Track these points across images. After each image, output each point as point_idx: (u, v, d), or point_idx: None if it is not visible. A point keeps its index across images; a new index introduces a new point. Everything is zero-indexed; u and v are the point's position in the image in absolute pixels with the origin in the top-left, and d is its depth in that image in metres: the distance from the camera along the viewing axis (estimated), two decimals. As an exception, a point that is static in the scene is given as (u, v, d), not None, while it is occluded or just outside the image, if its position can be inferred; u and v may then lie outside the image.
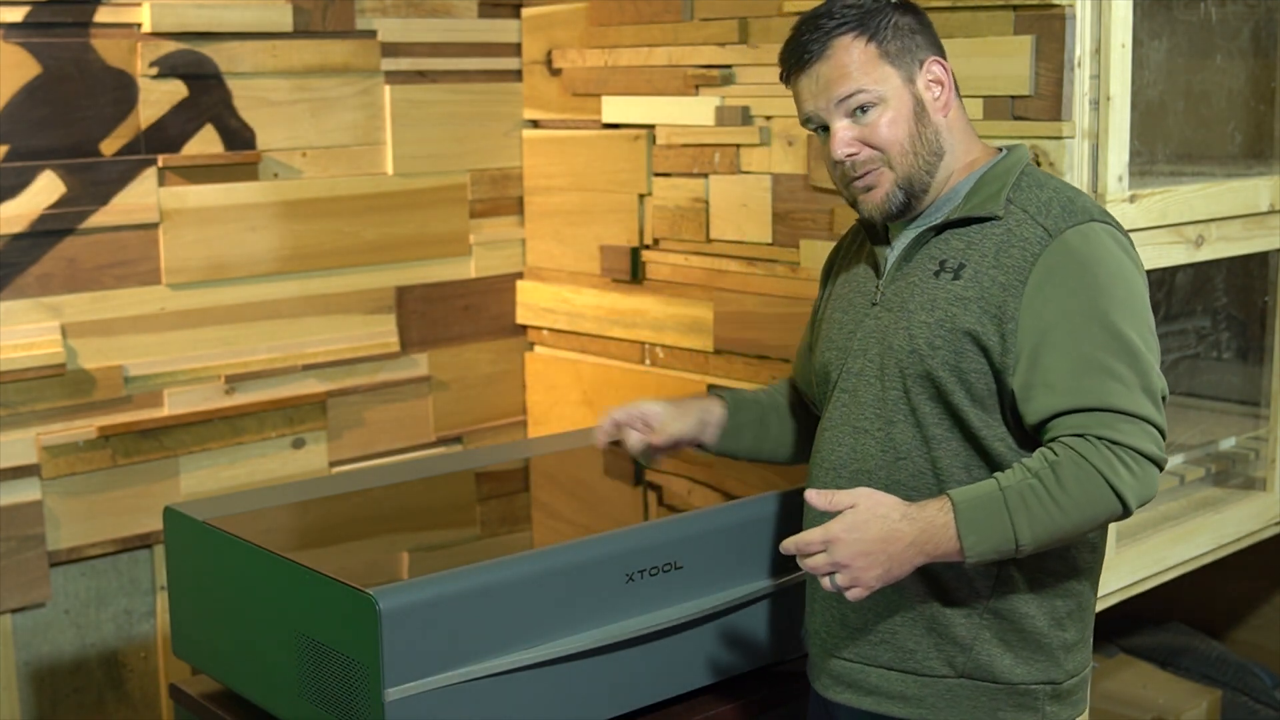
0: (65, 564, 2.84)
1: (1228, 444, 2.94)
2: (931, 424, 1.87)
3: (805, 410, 2.22)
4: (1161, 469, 1.78)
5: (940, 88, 1.91)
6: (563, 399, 3.39)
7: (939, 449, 1.87)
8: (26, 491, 2.76)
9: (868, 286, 1.99)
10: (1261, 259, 2.85)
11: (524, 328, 3.47)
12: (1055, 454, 1.75)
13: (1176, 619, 3.29)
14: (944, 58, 1.93)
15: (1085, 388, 1.76)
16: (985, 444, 1.85)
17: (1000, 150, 1.97)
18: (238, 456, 3.03)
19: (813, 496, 1.77)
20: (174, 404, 2.93)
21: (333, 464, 3.17)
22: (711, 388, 2.91)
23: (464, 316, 3.37)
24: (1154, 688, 3.07)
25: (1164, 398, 1.81)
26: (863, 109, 1.87)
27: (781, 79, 1.95)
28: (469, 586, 1.96)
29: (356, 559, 2.16)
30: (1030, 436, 1.84)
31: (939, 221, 1.91)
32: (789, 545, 1.76)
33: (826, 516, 1.81)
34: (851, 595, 1.74)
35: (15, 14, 2.69)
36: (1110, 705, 3.01)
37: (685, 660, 2.20)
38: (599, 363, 3.30)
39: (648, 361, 3.20)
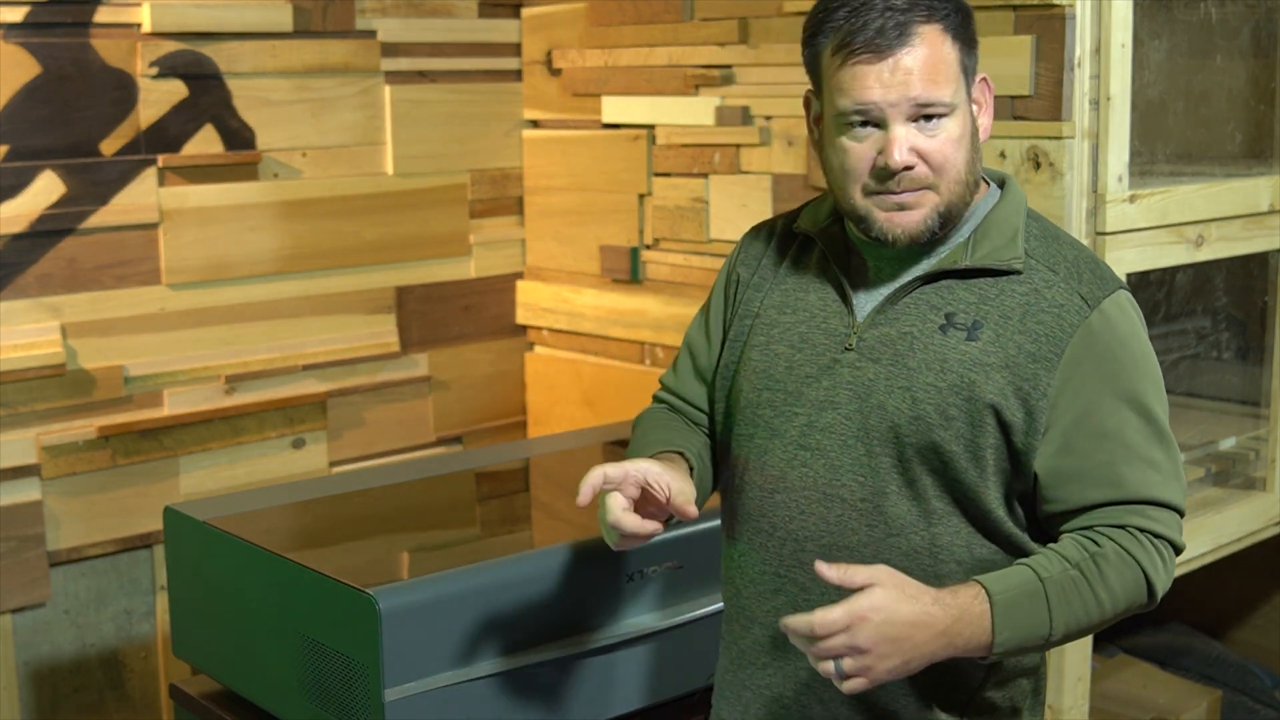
0: (65, 564, 2.83)
1: (1228, 444, 2.94)
2: (933, 497, 1.63)
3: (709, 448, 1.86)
4: (1179, 555, 1.67)
5: (982, 111, 1.66)
6: (563, 399, 3.39)
7: (940, 525, 1.63)
8: (26, 491, 2.76)
9: (834, 324, 1.69)
10: (1261, 259, 2.85)
11: (524, 328, 3.47)
12: (1098, 545, 1.59)
13: (1176, 619, 3.28)
14: None
15: (1126, 478, 1.60)
16: (993, 523, 1.64)
17: (986, 181, 1.73)
18: (238, 456, 3.03)
19: (824, 569, 1.47)
20: (174, 404, 2.93)
21: (333, 464, 3.17)
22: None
23: (464, 316, 3.37)
24: (1154, 688, 3.06)
25: None
26: (932, 118, 1.57)
27: (826, 52, 1.59)
28: (469, 586, 1.96)
29: (356, 559, 2.16)
30: (1034, 518, 1.66)
31: (936, 267, 1.66)
32: (799, 625, 1.45)
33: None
34: (850, 686, 1.47)
35: (15, 14, 2.69)
36: (1110, 705, 3.01)
37: (685, 660, 2.20)
38: (599, 363, 3.30)
39: (648, 361, 3.20)
